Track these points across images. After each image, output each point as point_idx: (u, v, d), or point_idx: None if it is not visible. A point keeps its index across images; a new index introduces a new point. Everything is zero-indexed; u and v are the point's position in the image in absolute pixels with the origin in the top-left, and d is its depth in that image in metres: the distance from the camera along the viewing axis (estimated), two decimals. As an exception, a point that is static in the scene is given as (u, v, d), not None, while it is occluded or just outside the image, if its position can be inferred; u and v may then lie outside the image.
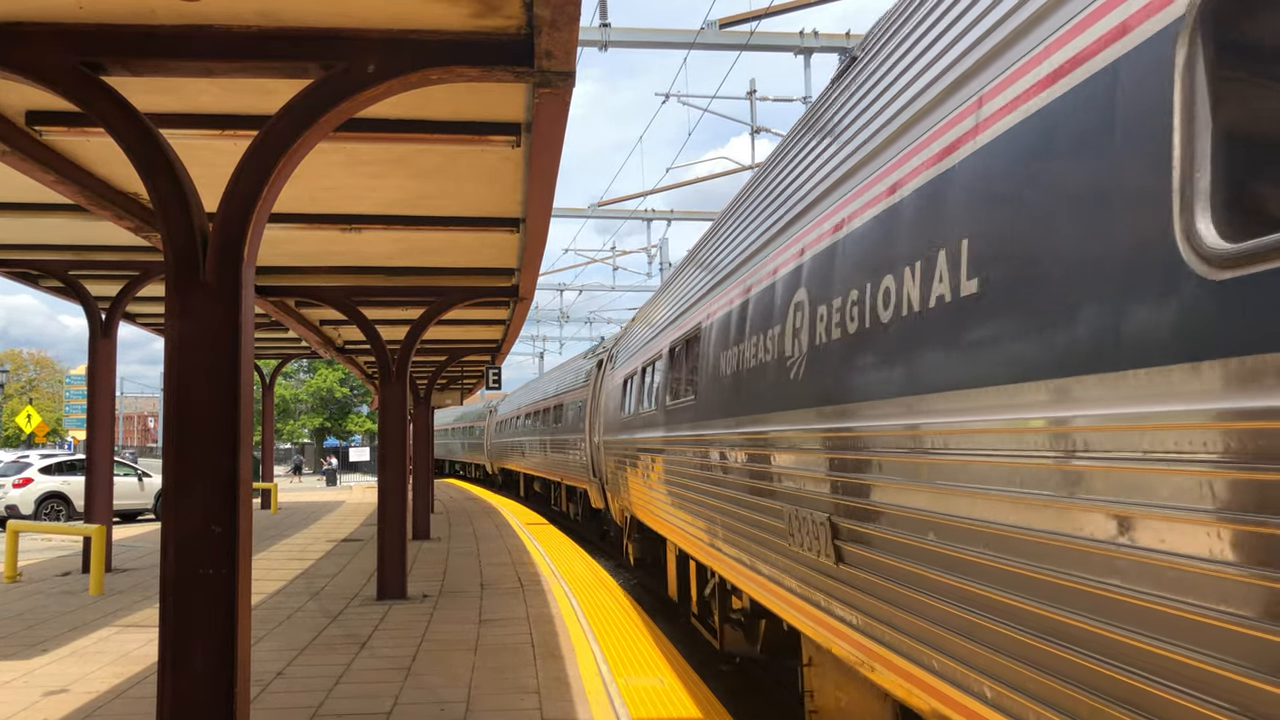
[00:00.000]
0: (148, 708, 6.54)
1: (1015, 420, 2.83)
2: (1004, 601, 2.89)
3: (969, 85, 3.26)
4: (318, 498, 34.94)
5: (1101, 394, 2.41)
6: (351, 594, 11.84)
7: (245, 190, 4.44)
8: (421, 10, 4.31)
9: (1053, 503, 2.65)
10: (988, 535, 2.97)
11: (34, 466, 25.80)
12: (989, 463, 2.98)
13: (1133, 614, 2.33)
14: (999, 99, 3.02)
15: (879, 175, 3.94)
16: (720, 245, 7.64)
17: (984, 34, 3.20)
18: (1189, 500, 2.13)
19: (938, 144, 3.43)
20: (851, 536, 4.10)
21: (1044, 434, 2.70)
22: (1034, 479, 2.74)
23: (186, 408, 4.42)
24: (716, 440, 6.82)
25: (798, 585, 4.99)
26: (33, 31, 4.39)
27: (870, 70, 4.40)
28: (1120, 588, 2.37)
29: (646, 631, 9.48)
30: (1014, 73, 2.95)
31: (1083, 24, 2.60)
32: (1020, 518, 2.81)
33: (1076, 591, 2.53)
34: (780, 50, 16.73)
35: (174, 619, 4.36)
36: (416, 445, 21.56)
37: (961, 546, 3.12)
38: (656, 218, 29.33)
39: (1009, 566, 2.85)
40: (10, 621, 10.22)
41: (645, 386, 11.00)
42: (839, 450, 4.27)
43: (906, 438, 3.55)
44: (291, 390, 72.90)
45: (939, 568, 3.27)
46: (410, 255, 10.57)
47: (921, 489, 3.43)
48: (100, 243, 10.41)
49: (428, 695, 7.07)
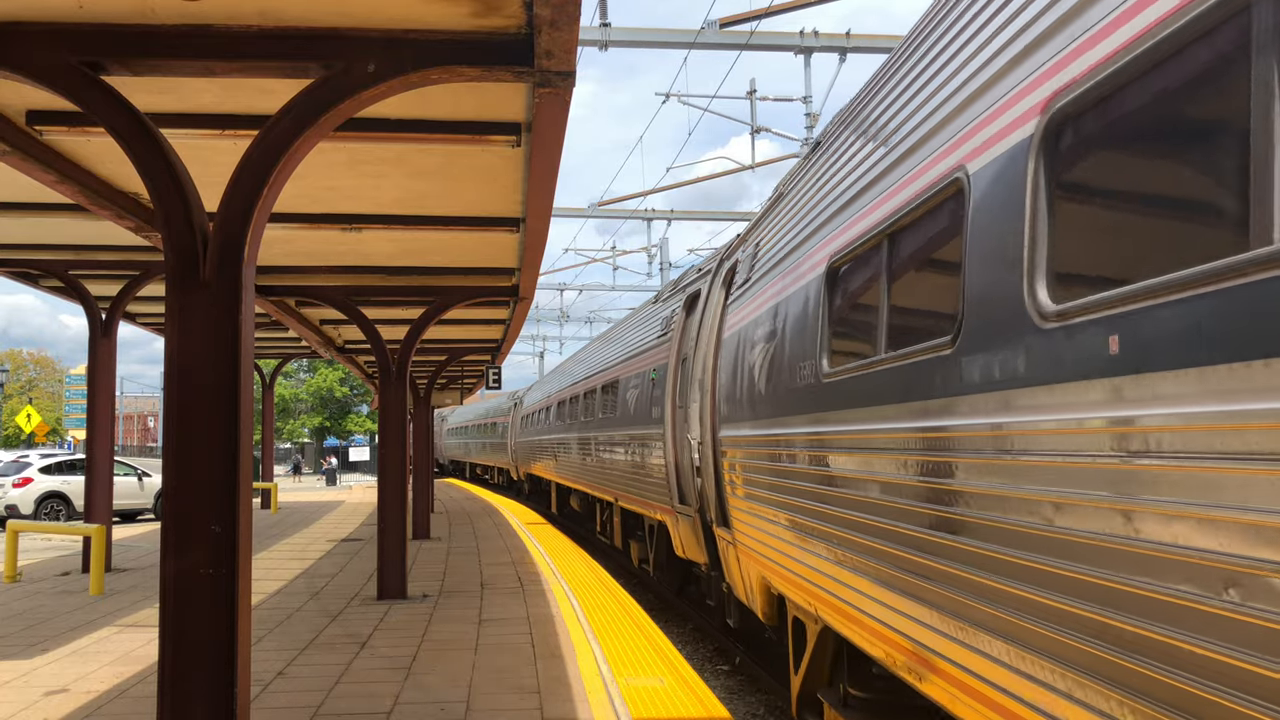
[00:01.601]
0: (148, 707, 6.54)
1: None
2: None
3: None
4: (318, 497, 34.94)
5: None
6: (351, 594, 11.84)
7: (245, 190, 4.44)
8: (422, 10, 4.31)
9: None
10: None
11: (34, 466, 25.81)
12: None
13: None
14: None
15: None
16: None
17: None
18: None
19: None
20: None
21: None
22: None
23: (186, 407, 4.42)
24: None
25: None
26: (33, 31, 4.38)
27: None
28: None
29: (647, 632, 9.48)
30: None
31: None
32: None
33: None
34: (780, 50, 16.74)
35: (174, 619, 4.36)
36: (416, 445, 21.56)
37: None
38: (656, 217, 29.32)
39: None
40: (10, 621, 10.22)
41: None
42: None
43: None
44: (291, 390, 72.91)
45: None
46: (410, 255, 10.56)
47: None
48: (100, 242, 10.41)
49: (428, 695, 7.07)
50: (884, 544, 4.37)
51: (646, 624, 9.91)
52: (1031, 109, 3.13)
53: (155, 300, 14.09)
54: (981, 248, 3.43)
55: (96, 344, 13.09)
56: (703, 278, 11.09)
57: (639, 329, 15.14)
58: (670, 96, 20.49)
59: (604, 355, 18.26)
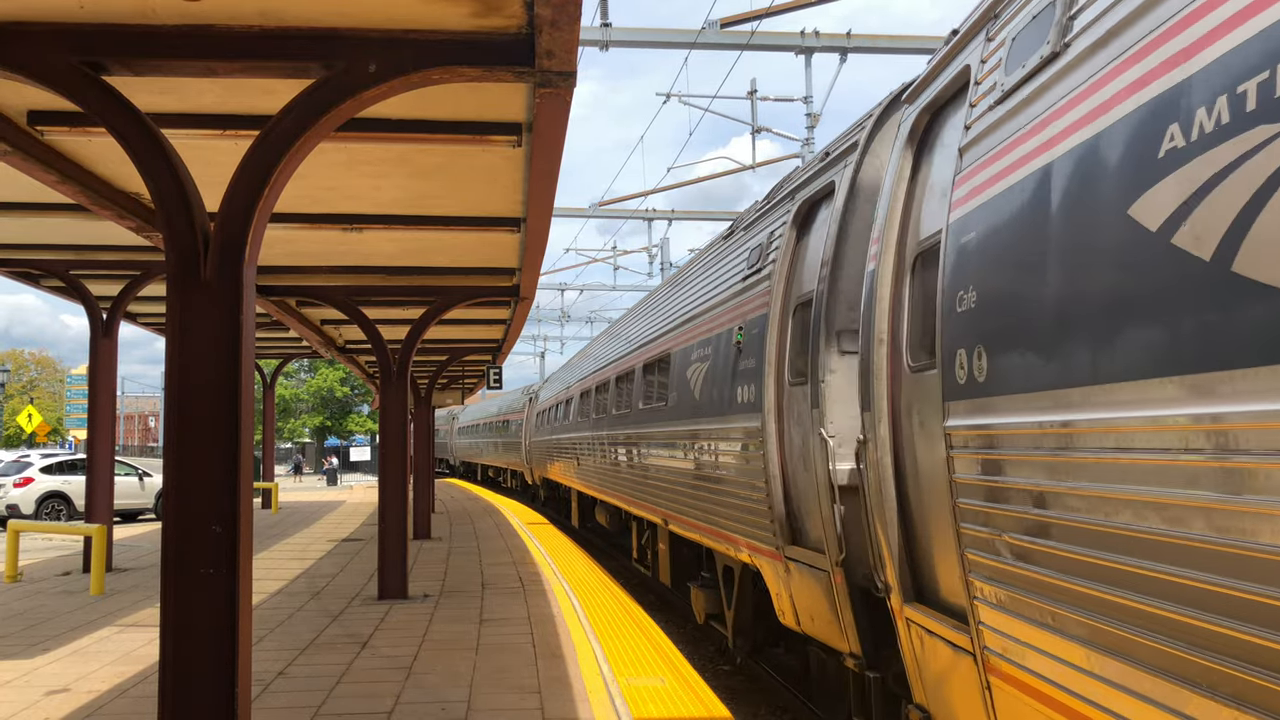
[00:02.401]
0: (149, 707, 6.55)
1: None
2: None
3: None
4: (318, 497, 34.94)
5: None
6: (352, 594, 11.84)
7: (246, 190, 4.44)
8: (422, 10, 4.31)
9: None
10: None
11: (35, 466, 25.81)
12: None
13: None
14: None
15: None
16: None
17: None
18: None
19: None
20: None
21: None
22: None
23: (187, 407, 4.42)
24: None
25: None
26: (33, 31, 4.38)
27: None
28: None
29: (648, 631, 9.48)
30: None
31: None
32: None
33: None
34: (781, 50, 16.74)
35: (174, 619, 4.35)
36: (417, 445, 21.55)
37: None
38: (657, 217, 29.33)
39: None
40: (11, 621, 10.22)
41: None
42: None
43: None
44: (292, 390, 72.93)
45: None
46: (411, 255, 10.56)
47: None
48: (101, 242, 10.41)
49: (429, 695, 7.07)
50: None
51: (647, 624, 9.90)
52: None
53: (156, 300, 14.10)
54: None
55: (97, 344, 13.09)
56: (832, 162, 7.05)
57: (701, 278, 10.35)
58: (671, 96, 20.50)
59: (644, 327, 13.40)
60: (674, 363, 10.83)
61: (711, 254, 10.61)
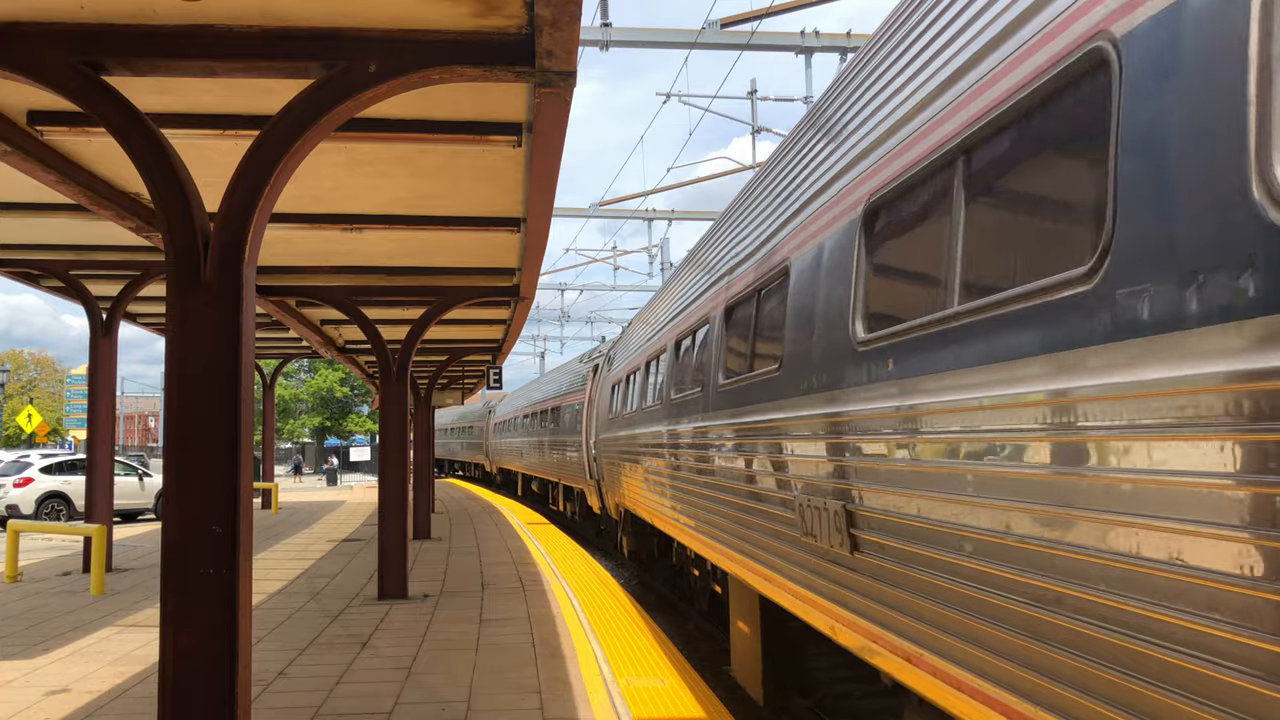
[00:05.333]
0: (149, 707, 6.54)
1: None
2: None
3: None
4: (318, 497, 34.94)
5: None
6: (352, 594, 11.84)
7: (246, 190, 4.44)
8: (423, 10, 4.31)
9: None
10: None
11: (34, 466, 25.81)
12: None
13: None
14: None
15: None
16: None
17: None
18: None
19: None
20: None
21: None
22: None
23: (187, 407, 4.42)
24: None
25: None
26: (34, 31, 4.39)
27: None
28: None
29: (648, 631, 9.48)
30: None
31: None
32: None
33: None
34: (781, 50, 16.72)
35: (175, 619, 4.36)
36: (417, 445, 21.55)
37: None
38: (658, 217, 29.32)
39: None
40: (11, 621, 10.22)
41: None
42: None
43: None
44: (292, 390, 72.94)
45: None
46: (411, 255, 10.57)
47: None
48: (101, 242, 10.41)
49: (429, 695, 7.07)
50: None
51: (648, 624, 9.90)
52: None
53: (156, 300, 14.10)
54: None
55: (97, 344, 13.09)
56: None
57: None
58: (671, 96, 20.49)
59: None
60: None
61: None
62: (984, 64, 3.40)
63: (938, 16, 3.90)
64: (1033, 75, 3.06)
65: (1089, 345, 2.67)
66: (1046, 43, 3.00)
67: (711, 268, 8.35)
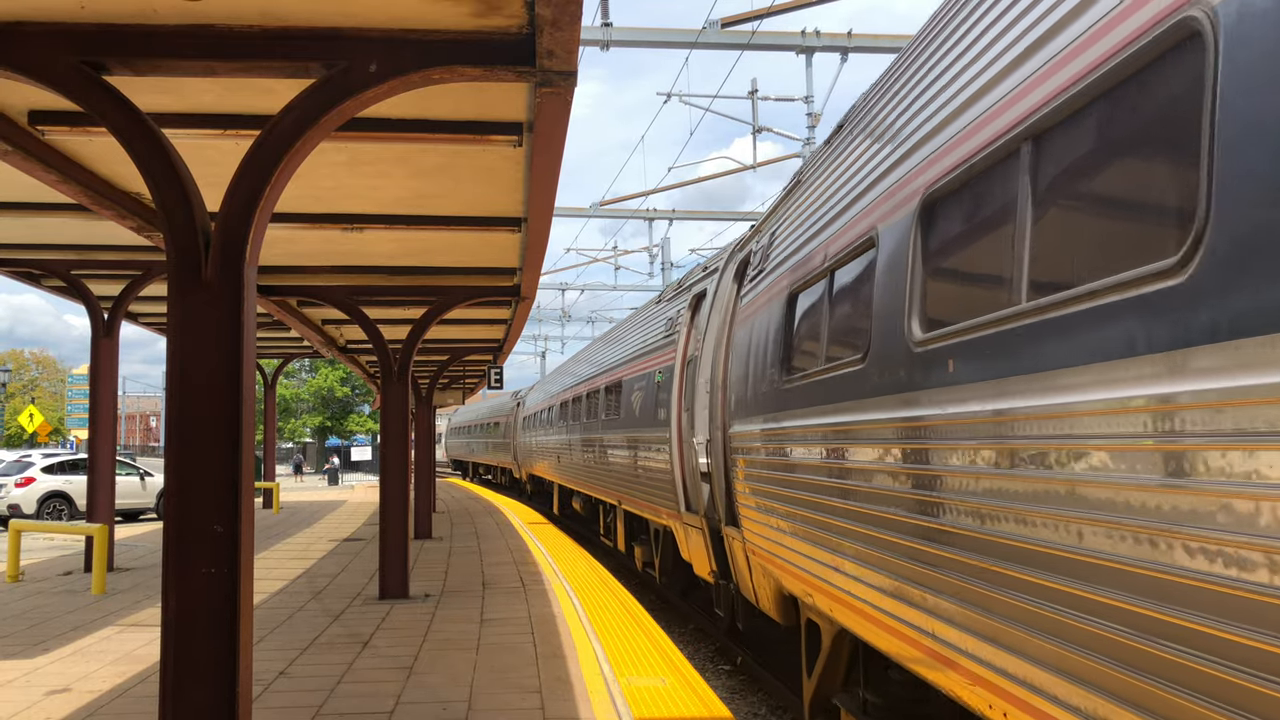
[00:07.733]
0: (150, 707, 6.55)
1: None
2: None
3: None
4: (319, 497, 34.96)
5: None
6: (353, 593, 11.85)
7: (247, 190, 4.44)
8: (423, 9, 4.31)
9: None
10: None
11: (36, 466, 25.84)
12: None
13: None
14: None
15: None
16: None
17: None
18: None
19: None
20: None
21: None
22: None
23: (188, 407, 4.42)
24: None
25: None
26: (34, 31, 4.39)
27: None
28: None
29: (649, 632, 9.48)
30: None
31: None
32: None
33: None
34: (782, 50, 16.72)
35: (176, 618, 4.36)
36: (418, 444, 21.55)
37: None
38: (658, 217, 29.31)
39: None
40: (12, 621, 10.23)
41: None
42: None
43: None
44: (293, 390, 72.97)
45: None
46: (412, 255, 10.57)
47: None
48: (102, 242, 10.42)
49: (430, 695, 7.07)
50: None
51: (648, 624, 9.90)
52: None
53: (157, 300, 14.11)
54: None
55: (99, 344, 13.10)
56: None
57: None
58: (672, 96, 20.48)
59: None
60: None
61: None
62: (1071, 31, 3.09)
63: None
64: (1121, 45, 2.77)
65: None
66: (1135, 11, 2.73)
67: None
